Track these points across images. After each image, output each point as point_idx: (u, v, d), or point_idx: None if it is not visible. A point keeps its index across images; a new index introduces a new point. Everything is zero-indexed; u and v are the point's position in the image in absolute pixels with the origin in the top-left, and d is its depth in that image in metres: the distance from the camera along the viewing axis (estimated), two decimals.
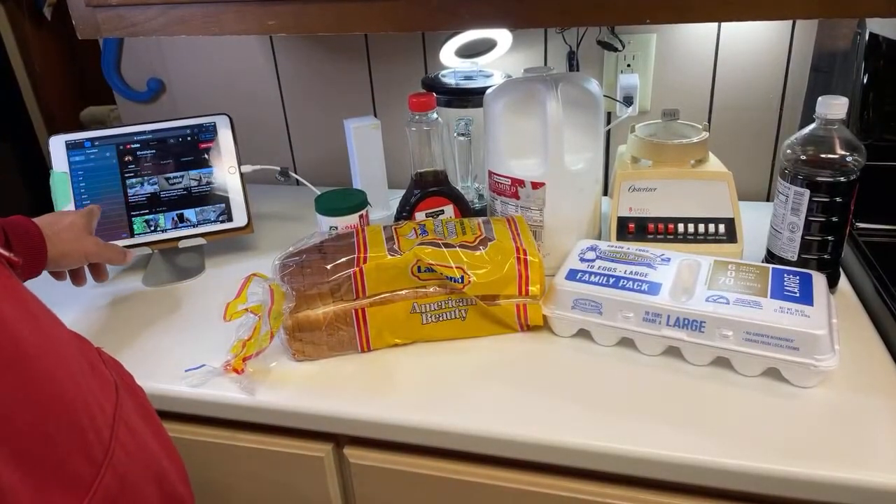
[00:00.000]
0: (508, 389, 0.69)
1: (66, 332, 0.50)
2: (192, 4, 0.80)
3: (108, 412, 0.49)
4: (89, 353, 0.53)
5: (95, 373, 0.51)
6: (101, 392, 0.49)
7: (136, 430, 0.52)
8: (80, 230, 0.81)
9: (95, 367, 0.52)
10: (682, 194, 0.87)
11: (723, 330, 0.68)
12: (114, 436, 0.48)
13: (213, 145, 0.99)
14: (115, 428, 0.48)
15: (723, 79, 1.05)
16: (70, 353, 0.48)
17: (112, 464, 0.46)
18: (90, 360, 0.52)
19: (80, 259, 0.81)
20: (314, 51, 1.20)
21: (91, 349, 0.54)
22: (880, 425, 0.61)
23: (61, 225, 0.80)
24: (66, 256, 0.79)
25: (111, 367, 0.55)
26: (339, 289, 0.74)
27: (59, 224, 0.79)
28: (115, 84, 1.32)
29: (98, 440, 0.46)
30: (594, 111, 0.85)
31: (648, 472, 0.62)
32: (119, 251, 0.86)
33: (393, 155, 1.17)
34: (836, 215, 0.75)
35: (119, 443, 0.48)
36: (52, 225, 0.78)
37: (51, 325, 0.48)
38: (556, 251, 0.86)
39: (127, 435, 0.50)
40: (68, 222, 0.81)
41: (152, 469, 0.52)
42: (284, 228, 1.12)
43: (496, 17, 0.72)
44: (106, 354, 0.57)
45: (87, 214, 0.84)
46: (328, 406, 0.69)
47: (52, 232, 0.77)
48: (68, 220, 0.81)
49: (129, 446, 0.49)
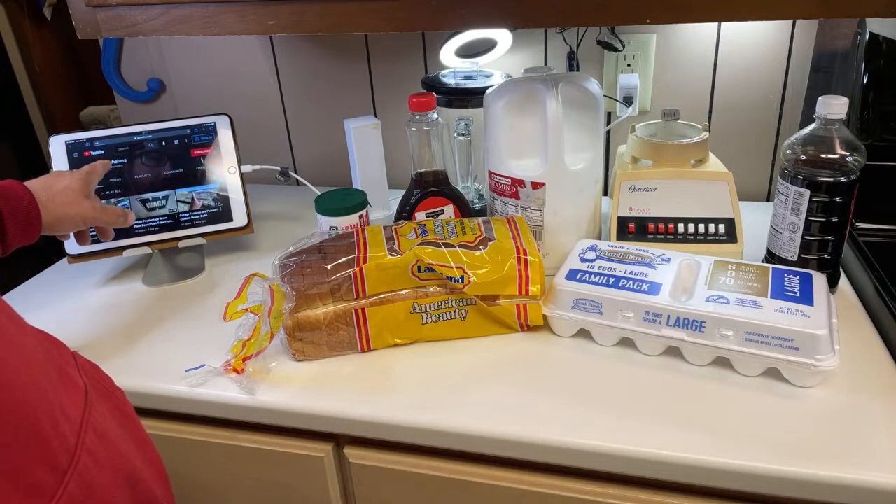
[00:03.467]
0: (508, 389, 0.69)
1: (31, 337, 0.49)
2: (192, 4, 0.80)
3: (75, 418, 0.48)
4: (59, 358, 0.52)
5: (63, 378, 0.50)
6: (67, 398, 0.49)
7: (108, 435, 0.51)
8: (76, 193, 0.77)
9: (64, 372, 0.51)
10: (682, 194, 0.87)
11: (723, 330, 0.68)
12: (80, 442, 0.47)
13: (210, 151, 0.99)
14: (81, 434, 0.48)
15: (723, 79, 1.05)
16: (33, 358, 0.47)
17: (77, 471, 0.46)
18: (58, 364, 0.51)
19: (78, 223, 0.78)
20: (314, 51, 1.20)
21: (62, 353, 0.53)
22: (880, 425, 0.61)
23: (56, 188, 0.76)
24: (62, 222, 0.76)
25: (85, 370, 0.55)
26: (339, 289, 0.74)
27: (53, 188, 0.76)
28: (115, 84, 1.32)
29: (62, 447, 0.45)
30: (594, 111, 0.85)
31: (648, 472, 0.62)
32: (119, 212, 0.83)
33: (393, 155, 1.17)
34: (836, 215, 0.75)
35: (86, 449, 0.47)
36: (46, 189, 0.76)
37: (11, 329, 0.46)
38: (556, 251, 0.86)
39: (95, 440, 0.49)
40: (63, 185, 0.77)
41: (125, 473, 0.51)
42: (284, 228, 1.12)
43: (496, 17, 0.72)
44: (81, 358, 0.56)
45: (84, 176, 0.81)
46: (328, 406, 0.69)
47: (47, 196, 0.74)
48: (64, 182, 0.78)
49: (98, 452, 0.49)
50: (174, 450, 0.78)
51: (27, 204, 0.72)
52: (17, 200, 0.71)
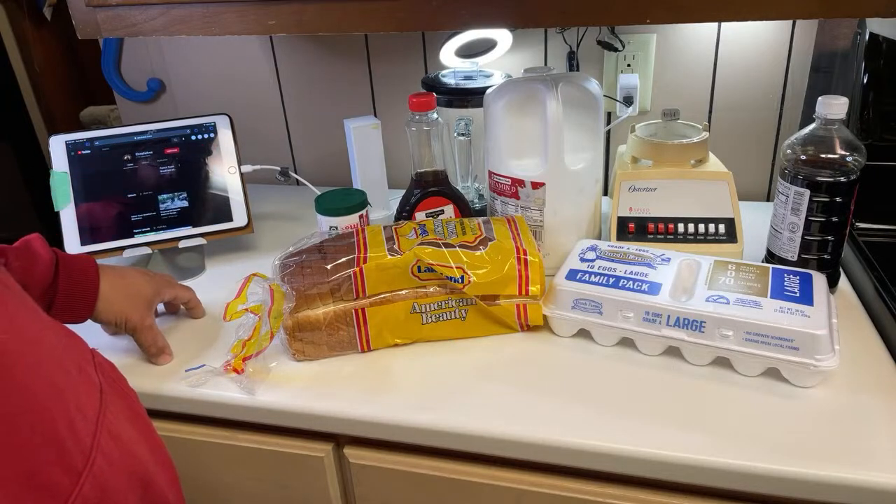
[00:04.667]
0: (508, 389, 0.69)
1: (51, 332, 0.49)
2: (192, 4, 0.80)
3: (91, 418, 0.48)
4: (79, 355, 0.52)
5: (82, 375, 0.50)
6: (85, 397, 0.48)
7: (122, 436, 0.51)
8: (140, 299, 0.75)
9: (82, 370, 0.50)
10: (682, 194, 0.87)
11: (723, 330, 0.68)
12: (95, 443, 0.47)
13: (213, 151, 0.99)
14: (97, 435, 0.47)
15: (723, 79, 1.05)
16: (52, 355, 0.47)
17: (93, 472, 0.45)
18: (78, 362, 0.50)
19: (120, 324, 0.74)
20: (314, 51, 1.20)
21: (83, 350, 0.53)
22: (880, 425, 0.61)
23: (124, 283, 0.74)
24: (107, 315, 0.73)
25: (102, 369, 0.54)
26: (339, 289, 0.74)
27: (122, 281, 0.74)
28: (115, 84, 1.32)
29: (78, 448, 0.45)
30: (594, 111, 0.85)
31: (648, 472, 0.62)
32: (160, 346, 0.77)
33: (393, 155, 1.17)
34: (836, 215, 0.75)
35: (101, 450, 0.47)
36: (115, 280, 0.73)
37: (31, 325, 0.46)
38: (556, 251, 0.86)
39: (110, 442, 0.49)
40: (134, 286, 0.75)
41: (137, 475, 0.51)
42: (284, 228, 1.12)
43: (496, 17, 0.72)
44: (100, 356, 0.56)
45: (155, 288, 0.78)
46: (328, 406, 0.69)
47: (111, 288, 0.72)
48: (136, 283, 0.75)
49: (113, 453, 0.48)
50: (174, 450, 0.78)
51: (87, 289, 0.70)
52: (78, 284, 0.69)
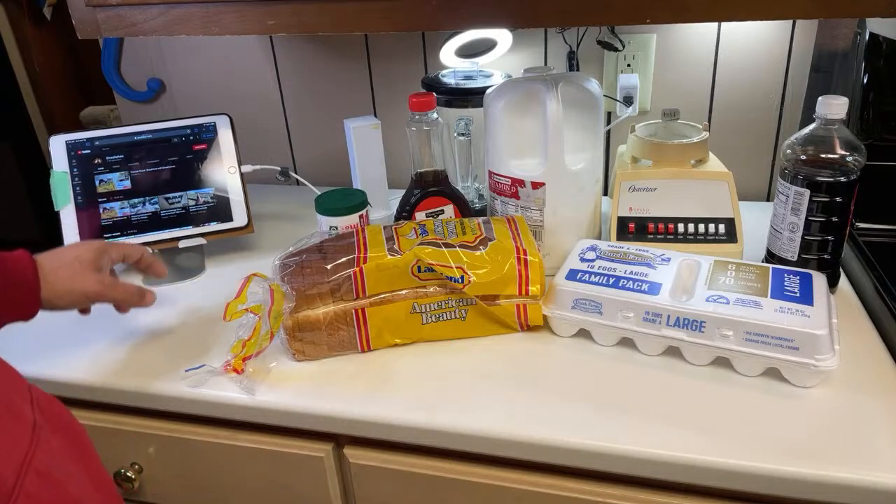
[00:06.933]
0: (508, 389, 0.69)
1: None
2: (192, 4, 0.80)
3: (16, 459, 0.45)
4: (11, 391, 0.49)
5: (12, 414, 0.47)
6: (11, 439, 0.46)
7: (54, 476, 0.48)
8: (84, 265, 0.70)
9: (11, 409, 0.48)
10: (682, 194, 0.87)
11: (723, 330, 0.68)
12: (19, 485, 0.44)
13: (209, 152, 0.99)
14: (21, 477, 0.45)
15: (723, 79, 1.05)
16: None
17: None
18: (8, 398, 0.48)
19: (80, 300, 0.70)
20: (314, 51, 1.20)
21: (17, 387, 0.51)
22: (880, 425, 0.61)
23: (65, 259, 0.69)
24: (61, 297, 0.68)
25: (39, 405, 0.51)
26: (339, 289, 0.74)
27: (62, 258, 0.70)
28: (115, 84, 1.32)
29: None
30: (594, 111, 0.85)
31: (648, 472, 0.61)
32: (132, 290, 0.73)
33: (393, 155, 1.17)
34: (836, 215, 0.75)
35: (25, 492, 0.44)
36: (54, 259, 0.69)
37: None
38: (556, 251, 0.86)
39: (37, 482, 0.46)
40: (73, 255, 0.70)
41: None
42: (284, 228, 1.12)
43: (496, 17, 0.72)
44: (37, 390, 0.53)
45: (99, 246, 0.73)
46: (328, 406, 0.69)
47: (52, 267, 0.68)
48: (72, 254, 0.71)
49: (40, 494, 0.46)
50: (174, 450, 0.78)
51: (26, 277, 0.65)
52: (14, 273, 0.65)
